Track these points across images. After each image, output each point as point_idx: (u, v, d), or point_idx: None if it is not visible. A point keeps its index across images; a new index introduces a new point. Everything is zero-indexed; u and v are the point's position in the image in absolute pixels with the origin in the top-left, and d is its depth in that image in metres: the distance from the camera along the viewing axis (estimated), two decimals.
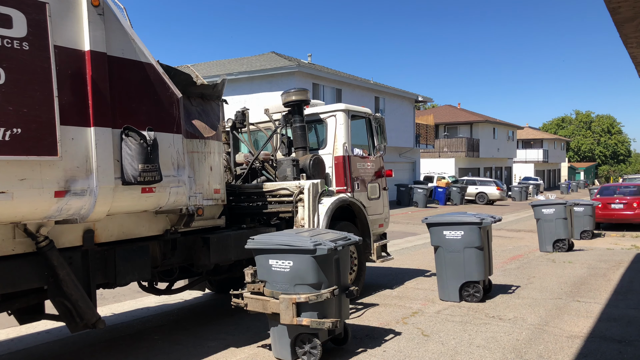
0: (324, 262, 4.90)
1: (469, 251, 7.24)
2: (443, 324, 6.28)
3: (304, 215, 6.82)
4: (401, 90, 32.83)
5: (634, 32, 6.36)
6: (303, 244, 4.84)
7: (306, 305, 4.86)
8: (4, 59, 3.82)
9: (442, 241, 7.42)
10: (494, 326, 6.14)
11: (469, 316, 6.59)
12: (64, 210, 4.28)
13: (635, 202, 17.15)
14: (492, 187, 33.68)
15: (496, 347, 5.42)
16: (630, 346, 5.39)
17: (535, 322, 6.28)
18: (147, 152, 4.61)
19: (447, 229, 7.37)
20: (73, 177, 4.25)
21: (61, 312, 4.67)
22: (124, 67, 4.72)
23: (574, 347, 5.38)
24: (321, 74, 25.60)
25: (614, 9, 5.48)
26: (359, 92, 28.72)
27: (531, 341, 5.60)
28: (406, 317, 6.64)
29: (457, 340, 5.64)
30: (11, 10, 3.88)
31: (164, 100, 5.07)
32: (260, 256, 5.11)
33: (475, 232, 7.21)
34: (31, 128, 3.92)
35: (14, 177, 3.87)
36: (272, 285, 5.04)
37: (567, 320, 6.38)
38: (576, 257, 11.13)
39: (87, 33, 4.41)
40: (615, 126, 78.77)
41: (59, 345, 6.02)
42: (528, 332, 5.91)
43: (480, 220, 7.22)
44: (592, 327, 6.06)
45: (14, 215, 4.04)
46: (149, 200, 4.94)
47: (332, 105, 8.34)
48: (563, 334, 5.84)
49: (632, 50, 7.31)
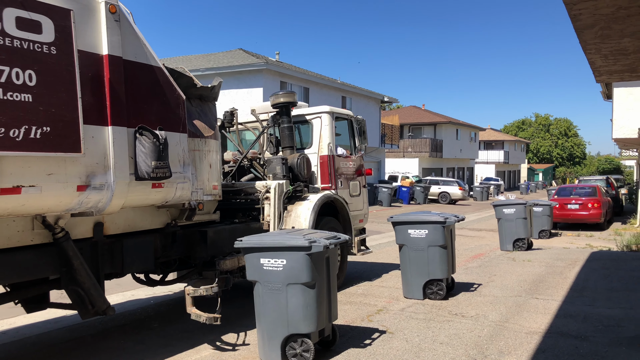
0: (318, 260, 4.88)
1: (433, 250, 7.36)
2: (407, 321, 6.37)
3: (270, 212, 7.22)
4: (367, 90, 33.08)
5: (593, 38, 6.58)
6: (298, 242, 4.79)
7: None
8: (35, 62, 4.11)
9: (407, 240, 7.52)
10: (456, 323, 6.26)
11: (433, 313, 6.70)
12: (84, 203, 4.58)
13: (590, 202, 17.79)
14: (455, 187, 34.35)
15: (459, 343, 5.53)
16: (586, 341, 5.59)
17: (496, 319, 6.44)
18: (159, 150, 4.94)
19: (412, 227, 7.47)
20: (93, 172, 4.57)
21: (73, 299, 4.93)
22: (136, 70, 5.04)
23: (533, 343, 5.55)
24: (289, 72, 25.53)
25: (574, 16, 5.66)
26: (327, 92, 28.78)
27: (492, 337, 5.73)
28: (371, 314, 6.70)
29: (421, 338, 5.73)
30: (41, 16, 4.15)
31: (171, 102, 5.42)
32: (250, 255, 5.00)
33: (439, 231, 7.33)
34: (58, 127, 4.21)
35: (43, 172, 4.18)
36: (263, 285, 4.95)
37: (527, 316, 6.56)
38: (535, 256, 11.46)
39: (105, 38, 4.73)
40: (572, 129, 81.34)
41: (17, 346, 5.83)
42: (489, 328, 6.06)
43: (444, 220, 7.34)
44: (550, 323, 6.25)
45: (41, 208, 4.34)
46: (158, 195, 5.27)
47: (318, 107, 8.69)
48: (522, 330, 6.00)
49: (591, 56, 7.57)
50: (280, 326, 4.89)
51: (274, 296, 4.90)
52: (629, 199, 27.37)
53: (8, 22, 3.97)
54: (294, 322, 4.84)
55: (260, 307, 5.00)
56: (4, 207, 4.03)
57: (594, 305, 7.10)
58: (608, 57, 7.69)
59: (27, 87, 4.05)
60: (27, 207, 4.23)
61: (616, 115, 17.60)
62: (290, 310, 4.84)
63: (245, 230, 6.72)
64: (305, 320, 4.83)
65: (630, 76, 9.34)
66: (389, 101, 35.96)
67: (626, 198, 27.16)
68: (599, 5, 5.30)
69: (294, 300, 4.83)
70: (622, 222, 20.52)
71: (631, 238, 13.26)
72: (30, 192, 4.11)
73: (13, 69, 3.98)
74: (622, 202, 25.24)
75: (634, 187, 27.08)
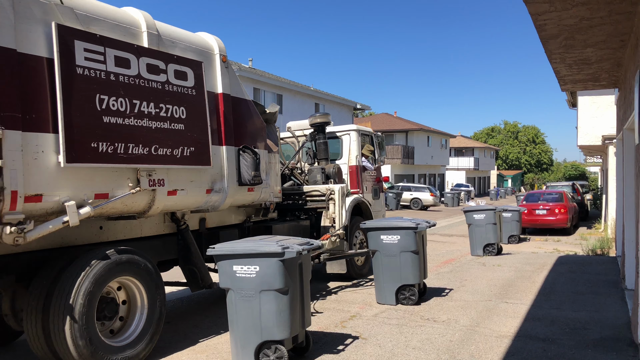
0: (291, 267, 4.87)
1: (405, 255, 7.43)
2: (380, 326, 6.41)
3: (335, 210, 8.87)
4: (340, 97, 33.29)
5: (557, 48, 6.78)
6: (271, 248, 4.78)
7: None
8: (184, 101, 5.71)
9: (380, 245, 7.57)
10: (428, 328, 6.33)
11: (405, 319, 6.76)
12: (208, 202, 6.21)
13: (557, 208, 18.22)
14: (426, 193, 34.74)
15: (431, 348, 5.59)
16: (554, 344, 5.72)
17: (467, 324, 6.53)
18: (256, 163, 6.63)
19: (384, 233, 7.53)
20: (215, 180, 6.21)
21: (187, 276, 6.38)
22: (237, 104, 6.73)
23: (503, 347, 5.64)
24: (262, 79, 25.50)
25: (540, 26, 5.83)
26: (300, 98, 28.84)
27: (463, 342, 5.81)
28: (345, 320, 6.72)
29: (394, 343, 5.77)
30: (186, 68, 5.81)
31: (258, 126, 7.14)
32: (223, 262, 4.97)
33: (411, 236, 7.41)
34: (198, 147, 5.81)
35: (188, 179, 5.80)
36: (236, 293, 4.92)
37: (497, 320, 6.67)
38: (504, 261, 11.67)
39: (219, 80, 6.44)
40: (539, 136, 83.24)
41: None
42: (461, 333, 6.14)
43: (416, 225, 7.43)
44: (519, 327, 6.37)
45: (184, 205, 5.97)
46: (250, 196, 6.97)
47: (346, 126, 10.67)
48: (493, 334, 6.10)
49: (556, 66, 7.79)
50: (254, 333, 4.86)
51: (247, 303, 4.87)
52: (594, 204, 28.11)
53: (170, 74, 5.59)
54: (267, 328, 4.82)
55: (234, 315, 4.96)
56: (167, 205, 5.62)
57: (561, 309, 7.26)
58: (572, 67, 7.93)
59: (181, 119, 5.63)
60: (178, 205, 5.84)
61: (581, 123, 18.10)
62: (263, 317, 4.82)
63: (296, 226, 8.47)
64: (278, 326, 4.82)
65: (593, 85, 9.64)
66: (361, 108, 36.24)
67: (591, 203, 27.89)
68: (563, 16, 5.47)
69: (267, 306, 4.81)
70: (588, 226, 21.04)
71: (596, 242, 13.61)
72: (181, 194, 5.72)
73: (174, 107, 5.56)
74: (587, 208, 25.91)
75: (599, 193, 27.85)
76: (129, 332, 5.24)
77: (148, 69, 5.33)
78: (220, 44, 6.58)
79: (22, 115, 4.26)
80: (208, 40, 6.50)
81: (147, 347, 5.31)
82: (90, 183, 4.80)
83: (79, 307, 4.64)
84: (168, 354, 5.57)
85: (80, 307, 4.64)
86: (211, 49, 6.45)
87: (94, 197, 4.82)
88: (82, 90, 4.67)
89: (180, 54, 5.84)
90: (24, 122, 4.27)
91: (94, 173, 4.82)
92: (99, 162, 4.77)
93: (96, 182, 4.85)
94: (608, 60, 7.52)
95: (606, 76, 8.66)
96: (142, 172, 5.23)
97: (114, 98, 4.93)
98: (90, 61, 4.79)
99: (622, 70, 8.07)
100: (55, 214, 4.58)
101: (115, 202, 5.02)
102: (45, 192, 4.43)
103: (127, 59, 5.13)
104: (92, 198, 4.80)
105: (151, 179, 5.31)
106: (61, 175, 4.54)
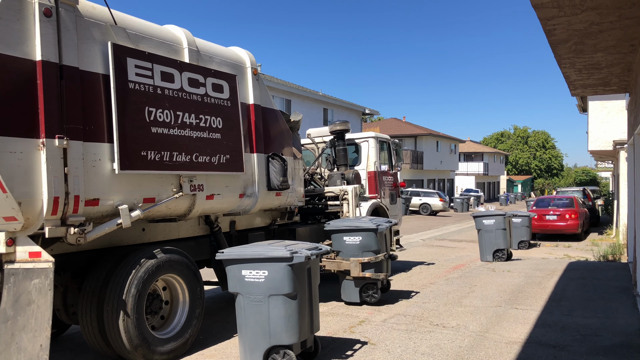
0: (300, 271, 4.88)
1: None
2: (389, 332, 6.39)
3: (349, 210, 9.32)
4: (349, 102, 33.29)
5: (567, 53, 6.76)
6: (279, 253, 4.80)
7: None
8: (221, 112, 6.15)
9: (343, 246, 7.78)
10: (437, 334, 6.30)
11: (414, 324, 6.73)
12: (240, 206, 6.68)
13: (568, 213, 18.07)
14: (436, 199, 34.59)
15: (440, 354, 5.56)
16: (564, 351, 5.67)
17: (476, 329, 6.49)
18: (284, 169, 7.06)
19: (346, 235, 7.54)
20: (246, 185, 6.66)
21: (219, 276, 6.67)
22: (266, 113, 7.14)
23: (513, 353, 5.60)
24: (271, 84, 25.57)
25: (549, 31, 5.81)
26: (308, 103, 28.90)
27: (473, 348, 5.78)
28: (353, 325, 6.71)
29: (402, 348, 5.75)
30: (222, 81, 6.26)
31: (285, 134, 7.56)
32: (232, 266, 4.99)
33: (372, 237, 7.65)
34: (232, 154, 6.25)
35: (223, 184, 6.26)
36: (245, 297, 4.93)
37: (506, 326, 6.63)
38: (514, 267, 11.59)
39: (251, 92, 6.88)
40: (549, 141, 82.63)
41: None
42: (470, 339, 6.10)
43: (377, 226, 7.65)
44: (529, 333, 6.32)
45: (219, 209, 6.43)
46: (277, 200, 7.38)
47: (365, 133, 11.09)
48: (503, 340, 6.06)
49: (566, 70, 7.76)
50: (262, 338, 4.86)
51: (255, 308, 4.88)
52: (605, 209, 27.89)
53: (209, 87, 6.02)
54: (275, 333, 4.83)
55: (242, 319, 4.97)
56: (205, 208, 6.06)
57: (571, 315, 7.20)
58: (582, 71, 7.89)
59: (219, 129, 6.07)
60: (214, 208, 6.29)
61: (591, 127, 17.97)
62: (272, 322, 4.83)
63: (318, 229, 8.85)
64: (287, 331, 4.82)
65: (603, 90, 9.58)
66: (370, 113, 36.21)
67: (602, 209, 27.67)
68: (572, 21, 5.45)
69: (276, 311, 4.82)
70: (599, 232, 20.87)
71: (607, 248, 13.49)
72: (217, 198, 6.15)
73: (212, 118, 5.99)
74: (598, 213, 25.70)
75: (610, 198, 27.60)
76: (172, 325, 5.66)
77: (189, 83, 5.80)
78: (251, 57, 7.03)
79: (83, 127, 4.74)
80: (241, 54, 6.98)
81: (190, 339, 5.71)
82: (139, 188, 5.26)
83: (130, 301, 5.03)
84: (178, 358, 5.59)
85: (132, 301, 5.05)
86: (244, 62, 6.91)
87: (142, 201, 5.30)
88: (133, 104, 5.13)
89: (217, 68, 6.31)
90: (84, 133, 4.75)
91: (143, 179, 5.29)
92: (148, 169, 5.24)
93: (144, 188, 5.32)
94: (618, 64, 7.48)
95: (616, 81, 8.61)
96: (184, 178, 5.69)
97: (160, 110, 5.41)
98: (140, 76, 5.26)
99: (632, 75, 8.02)
100: (109, 216, 5.04)
101: (161, 205, 5.49)
102: (101, 196, 4.90)
103: (171, 73, 5.61)
104: (141, 202, 5.29)
105: (192, 184, 5.77)
106: (115, 181, 5.02)
